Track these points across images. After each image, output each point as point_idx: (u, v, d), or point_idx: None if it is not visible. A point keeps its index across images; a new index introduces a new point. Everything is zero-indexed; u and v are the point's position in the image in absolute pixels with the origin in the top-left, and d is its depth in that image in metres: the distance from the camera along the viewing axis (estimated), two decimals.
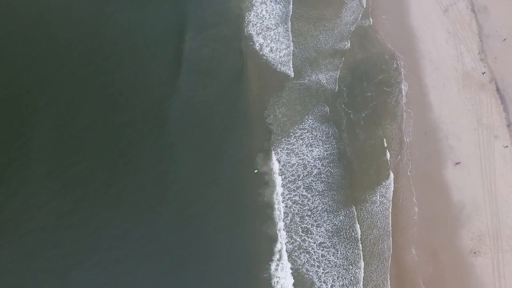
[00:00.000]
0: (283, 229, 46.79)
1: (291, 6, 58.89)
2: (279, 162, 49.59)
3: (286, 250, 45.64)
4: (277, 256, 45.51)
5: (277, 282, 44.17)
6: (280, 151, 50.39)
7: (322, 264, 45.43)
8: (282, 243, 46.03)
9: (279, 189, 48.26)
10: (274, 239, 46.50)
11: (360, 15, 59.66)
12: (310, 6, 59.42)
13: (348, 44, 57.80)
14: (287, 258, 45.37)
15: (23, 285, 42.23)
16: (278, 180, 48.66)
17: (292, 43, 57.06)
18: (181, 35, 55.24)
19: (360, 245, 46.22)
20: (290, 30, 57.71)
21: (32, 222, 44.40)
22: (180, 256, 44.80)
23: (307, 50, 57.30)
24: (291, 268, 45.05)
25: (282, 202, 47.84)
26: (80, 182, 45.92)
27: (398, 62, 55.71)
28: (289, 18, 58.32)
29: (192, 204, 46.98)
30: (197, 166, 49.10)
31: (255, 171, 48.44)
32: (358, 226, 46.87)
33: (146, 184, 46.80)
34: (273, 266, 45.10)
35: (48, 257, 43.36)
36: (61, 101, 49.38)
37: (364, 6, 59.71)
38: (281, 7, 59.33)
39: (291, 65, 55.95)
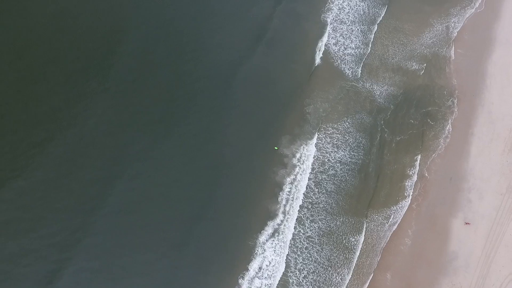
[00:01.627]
0: (281, 212, 49.30)
1: (379, 9, 58.35)
2: (299, 150, 51.45)
3: (276, 228, 48.34)
4: (270, 230, 48.27)
5: (262, 252, 47.30)
6: (306, 140, 52.06)
7: (303, 255, 48.10)
8: (276, 222, 48.67)
9: (291, 174, 50.42)
10: (271, 215, 48.89)
11: (440, 42, 58.29)
12: (392, 15, 58.56)
13: (414, 66, 57.12)
14: (274, 233, 48.11)
15: None
16: (294, 165, 50.73)
17: (366, 46, 56.85)
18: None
19: (354, 256, 47.37)
20: (368, 33, 57.43)
21: None
22: None
23: (372, 57, 57.26)
24: (272, 244, 47.87)
25: (290, 183, 49.98)
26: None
27: (455, 101, 54.62)
28: (374, 22, 57.88)
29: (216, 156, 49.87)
30: (230, 126, 51.82)
31: (275, 147, 50.59)
32: (354, 237, 48.42)
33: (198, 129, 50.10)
34: (262, 237, 47.95)
35: None
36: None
37: (448, 34, 58.14)
38: (364, 6, 58.85)
39: (352, 66, 56.31)
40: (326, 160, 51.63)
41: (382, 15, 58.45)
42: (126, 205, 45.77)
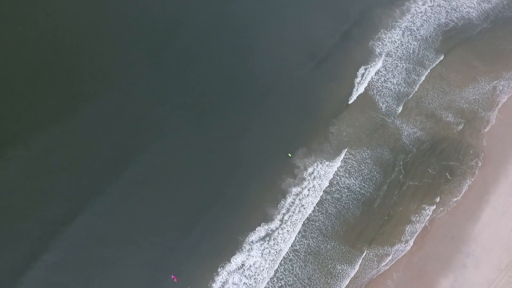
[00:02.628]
0: (278, 219, 49.81)
1: (429, 53, 58.11)
2: (312, 165, 51.85)
3: (269, 233, 48.99)
4: (262, 233, 48.99)
5: (249, 250, 48.14)
6: (321, 158, 52.42)
7: (285, 265, 48.49)
8: (270, 227, 49.29)
9: (298, 186, 50.94)
10: (267, 219, 49.65)
11: (482, 101, 57.38)
12: (440, 61, 58.19)
13: (449, 117, 56.47)
14: (266, 237, 48.82)
15: None
16: (304, 178, 51.20)
17: (407, 85, 56.60)
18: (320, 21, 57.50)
19: (337, 284, 47.32)
20: (413, 73, 57.17)
21: None
22: None
23: (409, 96, 57.02)
24: (261, 247, 48.56)
25: (295, 195, 50.50)
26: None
27: (479, 163, 53.60)
28: (423, 64, 57.63)
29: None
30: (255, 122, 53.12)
31: (289, 154, 51.24)
32: (341, 265, 48.46)
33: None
34: (253, 237, 48.69)
35: None
36: None
37: (493, 96, 57.20)
38: (416, 46, 58.66)
39: (387, 100, 56.24)
40: (335, 182, 51.82)
41: (436, 63, 57.85)
42: (143, 177, 48.32)
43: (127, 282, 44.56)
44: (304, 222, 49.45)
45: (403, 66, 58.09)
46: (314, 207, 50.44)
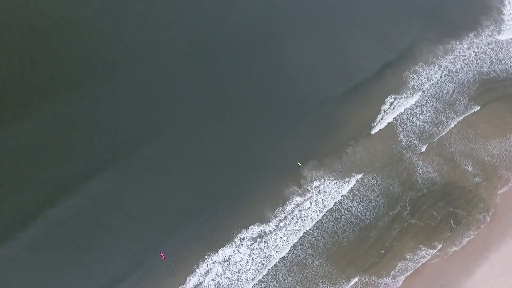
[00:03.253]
0: (274, 224, 50.15)
1: (462, 98, 57.28)
2: (319, 179, 52.03)
3: (261, 235, 49.47)
4: (255, 233, 49.46)
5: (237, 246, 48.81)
6: (330, 175, 52.50)
7: (267, 271, 48.88)
8: (264, 229, 49.72)
9: (301, 196, 51.24)
10: (263, 220, 50.08)
11: (507, 158, 56.09)
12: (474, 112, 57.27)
13: (468, 166, 55.55)
14: (257, 238, 49.37)
15: None
16: (308, 190, 51.44)
17: (433, 125, 55.95)
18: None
19: None
20: (442, 114, 56.50)
21: None
22: None
23: (435, 137, 56.32)
24: (251, 246, 49.07)
25: (296, 204, 50.74)
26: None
27: (487, 218, 52.47)
28: (453, 107, 56.88)
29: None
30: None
31: (299, 163, 51.63)
32: (324, 284, 48.45)
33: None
34: (245, 234, 49.29)
35: None
36: None
37: None
38: (450, 88, 57.94)
39: (409, 134, 55.75)
40: (337, 201, 51.81)
41: (469, 112, 56.72)
42: (158, 158, 49.87)
43: (117, 250, 45.96)
44: (300, 235, 49.47)
45: (433, 104, 57.49)
46: (311, 224, 50.40)
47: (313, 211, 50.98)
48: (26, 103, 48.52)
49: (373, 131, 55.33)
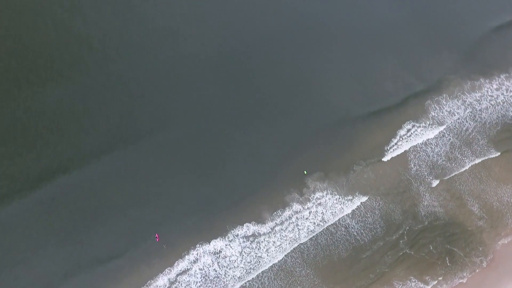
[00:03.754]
0: (269, 226, 50.47)
1: (482, 140, 56.54)
2: (322, 191, 52.13)
3: (255, 235, 49.88)
4: (249, 231, 49.92)
5: (230, 241, 49.27)
6: (333, 189, 52.52)
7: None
8: (258, 230, 50.13)
9: (301, 204, 51.47)
10: (259, 220, 50.54)
11: None
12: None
13: (474, 207, 54.88)
14: (250, 238, 49.78)
15: None
16: (309, 199, 51.62)
17: (447, 160, 55.26)
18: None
19: None
20: (458, 151, 55.81)
21: None
22: None
23: (447, 173, 55.67)
24: (243, 243, 49.54)
25: (296, 212, 50.98)
26: None
27: (483, 263, 51.47)
28: (473, 149, 55.98)
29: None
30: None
31: (305, 172, 52.04)
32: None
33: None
34: (239, 231, 49.83)
35: None
36: None
37: None
38: (471, 126, 57.15)
39: (420, 164, 55.28)
40: (333, 214, 51.80)
41: (488, 156, 55.83)
42: (173, 143, 51.51)
43: (117, 226, 47.09)
44: (294, 244, 49.53)
45: (450, 139, 56.82)
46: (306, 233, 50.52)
47: (311, 222, 51.08)
48: (59, 72, 50.57)
49: (385, 154, 55.07)
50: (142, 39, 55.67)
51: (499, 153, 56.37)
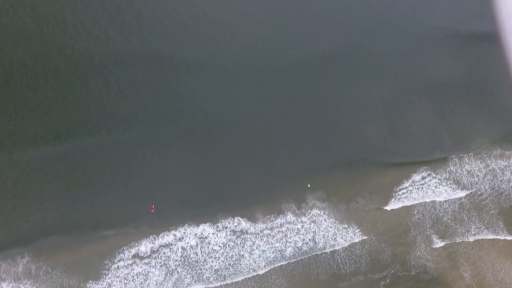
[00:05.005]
0: (259, 228, 51.18)
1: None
2: (319, 210, 52.35)
3: (243, 231, 50.73)
4: (239, 227, 50.83)
5: (216, 231, 50.16)
6: (331, 211, 52.62)
7: (229, 263, 50.02)
8: (246, 228, 50.94)
9: (296, 216, 51.94)
10: (251, 219, 51.35)
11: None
12: None
13: (467, 274, 53.26)
14: (236, 233, 50.66)
15: None
16: (304, 213, 52.04)
17: (453, 223, 54.22)
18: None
19: None
20: (466, 216, 54.71)
21: None
22: None
23: (449, 233, 54.56)
24: (230, 236, 50.38)
25: (287, 223, 51.49)
26: None
27: None
28: (482, 217, 55.06)
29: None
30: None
31: (309, 185, 52.56)
32: None
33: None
34: (230, 224, 50.85)
35: None
36: None
37: None
38: (488, 193, 55.60)
39: (424, 214, 54.30)
40: (324, 237, 51.84)
41: (497, 234, 54.27)
42: (198, 134, 53.14)
43: (119, 193, 49.26)
44: (281, 256, 49.89)
45: (461, 197, 55.63)
46: (293, 247, 50.87)
47: (300, 238, 51.31)
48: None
49: (392, 195, 54.56)
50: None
51: (509, 237, 54.24)
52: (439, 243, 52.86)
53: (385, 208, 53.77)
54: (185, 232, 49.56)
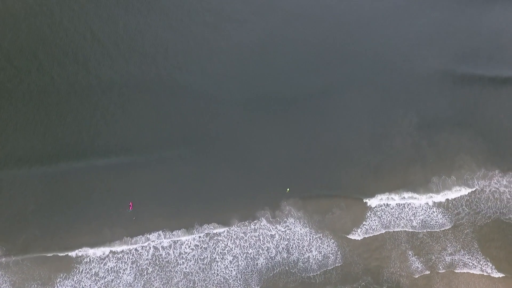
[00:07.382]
0: (231, 233, 51.55)
1: None
2: (294, 219, 52.50)
3: (219, 233, 51.10)
4: (214, 230, 51.10)
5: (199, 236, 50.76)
6: (306, 221, 52.64)
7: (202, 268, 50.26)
8: (220, 232, 51.27)
9: (270, 223, 52.16)
10: (226, 224, 51.71)
11: None
12: None
13: None
14: (209, 235, 50.96)
15: None
16: (279, 222, 52.24)
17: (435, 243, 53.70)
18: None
19: None
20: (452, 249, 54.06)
21: None
22: None
23: (427, 251, 53.98)
24: (203, 238, 50.70)
25: (260, 229, 51.72)
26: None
27: None
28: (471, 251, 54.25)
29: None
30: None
31: (288, 189, 52.72)
32: None
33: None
34: (211, 228, 51.27)
35: None
36: None
37: None
38: (466, 212, 55.03)
39: (403, 236, 53.90)
40: (305, 249, 51.73)
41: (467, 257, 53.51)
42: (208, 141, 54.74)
43: (102, 184, 50.78)
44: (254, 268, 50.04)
45: (438, 214, 55.17)
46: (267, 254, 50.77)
47: (272, 245, 51.32)
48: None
49: (369, 208, 54.32)
50: None
51: (484, 258, 52.94)
52: (414, 256, 51.93)
53: (361, 219, 53.42)
54: (159, 235, 50.22)
